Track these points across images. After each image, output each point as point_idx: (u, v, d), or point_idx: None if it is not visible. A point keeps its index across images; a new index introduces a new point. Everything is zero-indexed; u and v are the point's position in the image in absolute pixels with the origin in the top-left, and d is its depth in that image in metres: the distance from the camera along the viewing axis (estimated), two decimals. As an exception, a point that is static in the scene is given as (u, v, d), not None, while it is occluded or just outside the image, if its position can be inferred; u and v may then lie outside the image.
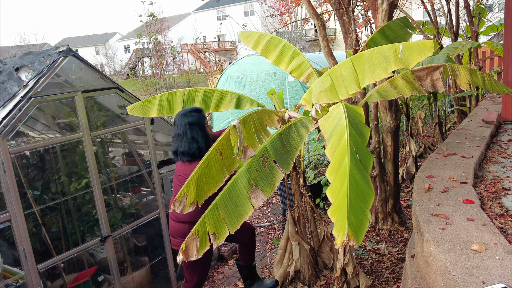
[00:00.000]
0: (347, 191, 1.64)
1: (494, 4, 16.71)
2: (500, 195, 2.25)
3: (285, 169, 2.21)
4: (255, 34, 3.39)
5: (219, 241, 1.96)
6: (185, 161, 2.53)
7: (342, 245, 1.48)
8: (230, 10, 34.12)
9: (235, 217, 2.02)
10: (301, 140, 2.35)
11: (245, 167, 2.15)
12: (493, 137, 3.56)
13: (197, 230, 1.95)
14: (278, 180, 2.15)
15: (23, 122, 2.66)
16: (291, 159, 2.25)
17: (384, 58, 2.21)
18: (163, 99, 2.93)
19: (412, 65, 2.15)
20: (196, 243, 1.94)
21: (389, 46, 2.22)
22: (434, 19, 6.80)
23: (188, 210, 1.94)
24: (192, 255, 1.94)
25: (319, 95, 2.39)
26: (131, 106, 2.93)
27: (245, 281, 3.01)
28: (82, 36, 48.76)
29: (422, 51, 2.12)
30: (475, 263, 1.53)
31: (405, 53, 2.14)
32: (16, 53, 19.33)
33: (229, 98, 3.02)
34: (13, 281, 2.67)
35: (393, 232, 3.91)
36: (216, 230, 1.98)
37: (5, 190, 2.52)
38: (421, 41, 2.14)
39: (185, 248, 1.93)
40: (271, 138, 2.31)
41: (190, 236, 1.94)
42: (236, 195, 2.08)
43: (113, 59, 34.87)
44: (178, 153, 2.54)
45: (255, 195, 2.08)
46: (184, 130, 2.51)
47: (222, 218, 2.01)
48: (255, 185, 2.10)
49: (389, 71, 2.17)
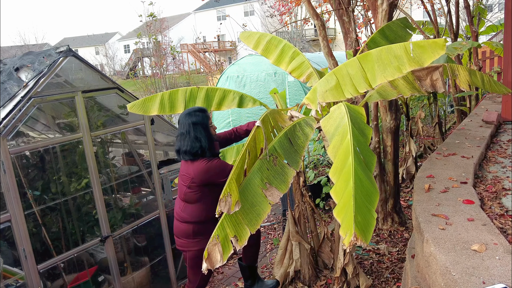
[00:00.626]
0: (352, 191, 1.64)
1: (494, 4, 16.71)
2: (500, 195, 2.25)
3: (295, 167, 2.22)
4: (256, 34, 3.39)
5: (241, 243, 1.94)
6: (187, 160, 2.54)
7: (350, 245, 1.47)
8: (230, 10, 34.11)
9: (254, 217, 2.02)
10: (307, 138, 2.36)
11: (256, 168, 2.16)
12: (493, 137, 3.56)
13: (217, 235, 1.93)
14: (291, 177, 2.17)
15: (23, 122, 2.66)
16: (300, 157, 2.27)
17: (395, 58, 2.17)
18: (165, 97, 2.91)
19: (426, 64, 2.09)
20: (218, 248, 1.91)
21: (399, 45, 2.19)
22: (434, 19, 6.80)
23: (234, 209, 1.91)
24: (216, 262, 1.91)
25: (325, 93, 2.38)
26: (131, 104, 2.91)
27: (245, 281, 3.01)
28: (82, 36, 48.77)
29: (434, 49, 2.07)
30: (475, 263, 1.53)
31: (417, 52, 2.10)
32: (16, 53, 19.32)
33: (232, 97, 3.01)
34: (13, 281, 2.67)
35: (393, 232, 3.91)
36: (237, 233, 1.96)
37: (5, 190, 2.52)
38: (432, 40, 2.11)
39: (207, 256, 1.90)
40: (278, 137, 2.32)
41: (210, 243, 1.91)
42: (251, 195, 2.07)
43: (113, 59, 34.87)
44: (180, 152, 2.55)
45: (271, 193, 2.09)
46: (187, 129, 2.53)
47: (241, 219, 1.99)
48: (269, 183, 2.11)
49: (403, 71, 2.12)
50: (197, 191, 2.50)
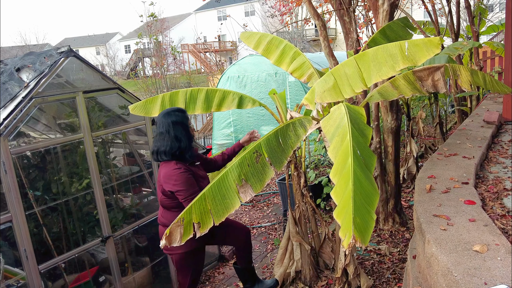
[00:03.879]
0: (351, 192, 1.64)
1: (495, 4, 16.69)
2: (502, 196, 2.25)
3: (277, 167, 2.23)
4: (256, 34, 3.39)
5: (202, 230, 2.00)
6: (164, 161, 2.47)
7: (349, 247, 1.48)
8: (230, 10, 34.12)
9: (221, 209, 2.06)
10: (298, 139, 2.35)
11: (237, 162, 2.18)
12: (494, 137, 3.56)
13: (182, 218, 1.99)
14: (268, 177, 2.17)
15: (24, 122, 2.66)
16: (285, 157, 2.26)
17: (390, 56, 2.18)
18: (166, 99, 2.92)
19: (420, 63, 2.11)
20: (180, 230, 1.98)
21: (394, 44, 2.20)
22: (435, 19, 6.80)
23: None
24: (175, 241, 1.98)
25: (323, 94, 2.38)
26: (133, 106, 2.92)
27: (244, 284, 3.00)
28: (83, 36, 48.82)
29: (429, 48, 2.09)
30: (477, 264, 1.53)
31: (412, 51, 2.11)
32: (17, 54, 19.34)
33: (231, 98, 3.02)
34: (14, 282, 2.67)
35: (394, 232, 3.90)
36: (201, 220, 2.01)
37: (6, 191, 2.52)
38: (427, 38, 2.12)
39: (169, 234, 1.97)
40: (266, 135, 2.32)
41: (175, 223, 1.98)
42: (225, 188, 2.11)
43: (113, 59, 34.92)
44: (158, 152, 2.45)
45: (244, 190, 2.11)
46: (167, 128, 2.45)
47: (209, 209, 2.04)
48: (245, 180, 2.13)
49: (397, 69, 2.14)
50: (172, 198, 2.44)
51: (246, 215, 5.46)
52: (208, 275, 3.95)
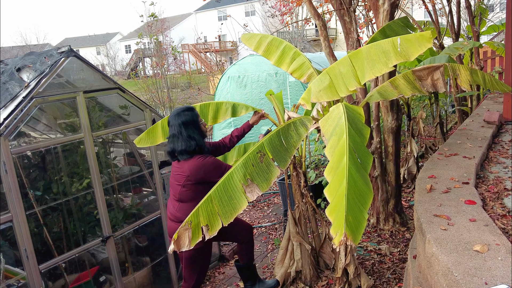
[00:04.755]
0: (345, 190, 1.65)
1: (495, 4, 16.69)
2: (502, 196, 2.25)
3: (282, 166, 2.24)
4: (257, 36, 3.39)
5: (211, 233, 1.99)
6: (183, 160, 2.55)
7: (339, 244, 1.50)
8: (231, 10, 34.13)
9: (229, 210, 2.05)
10: (300, 138, 2.36)
11: (241, 162, 2.18)
12: (495, 137, 3.55)
13: (190, 221, 1.98)
14: (274, 176, 2.17)
15: (25, 122, 2.66)
16: (289, 156, 2.27)
17: (383, 53, 2.19)
18: (164, 124, 3.05)
19: (413, 58, 2.12)
20: (188, 234, 1.97)
21: (387, 41, 2.21)
22: (435, 19, 6.79)
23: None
24: (184, 246, 1.97)
25: (319, 93, 2.39)
26: (138, 139, 3.08)
27: (245, 282, 3.00)
28: (83, 36, 48.82)
29: (421, 42, 2.10)
30: (477, 264, 1.53)
31: (404, 46, 2.12)
32: (17, 54, 19.34)
33: (225, 108, 3.12)
34: (14, 282, 2.67)
35: (395, 232, 3.90)
36: (209, 222, 2.00)
37: (6, 191, 2.52)
38: (419, 33, 2.12)
39: (177, 239, 1.95)
40: (269, 135, 2.33)
41: (182, 227, 1.97)
42: (231, 189, 2.11)
43: (114, 59, 34.94)
44: (176, 153, 2.56)
45: (251, 189, 2.11)
46: (179, 130, 2.55)
47: (216, 210, 2.04)
48: (251, 179, 2.13)
49: (389, 66, 2.15)
50: (192, 189, 2.51)
51: (246, 215, 5.46)
52: (209, 275, 3.95)
